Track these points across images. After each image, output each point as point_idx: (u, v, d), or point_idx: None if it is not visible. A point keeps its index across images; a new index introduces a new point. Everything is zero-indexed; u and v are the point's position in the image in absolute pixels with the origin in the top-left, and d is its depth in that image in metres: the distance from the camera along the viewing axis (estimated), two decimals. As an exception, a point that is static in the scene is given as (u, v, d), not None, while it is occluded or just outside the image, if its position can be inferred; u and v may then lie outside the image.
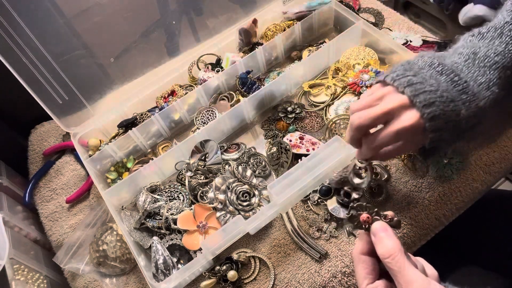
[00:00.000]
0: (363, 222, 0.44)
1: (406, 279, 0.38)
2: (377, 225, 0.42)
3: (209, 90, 0.85)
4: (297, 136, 0.77)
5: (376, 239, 0.42)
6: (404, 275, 0.38)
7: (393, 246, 0.40)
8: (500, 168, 0.69)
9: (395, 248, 0.40)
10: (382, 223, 0.43)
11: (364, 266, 0.42)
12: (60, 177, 0.87)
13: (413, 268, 0.39)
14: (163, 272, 0.66)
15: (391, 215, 0.44)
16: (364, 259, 0.43)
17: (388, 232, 0.42)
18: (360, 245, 0.44)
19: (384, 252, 0.40)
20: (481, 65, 0.50)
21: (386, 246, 0.41)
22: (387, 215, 0.44)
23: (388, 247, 0.40)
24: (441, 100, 0.47)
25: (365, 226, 0.43)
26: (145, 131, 0.82)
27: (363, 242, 0.44)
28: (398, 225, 0.44)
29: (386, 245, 0.41)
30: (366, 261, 0.43)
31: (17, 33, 0.69)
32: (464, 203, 0.68)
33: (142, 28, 0.84)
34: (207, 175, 0.75)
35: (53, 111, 0.78)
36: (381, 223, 0.43)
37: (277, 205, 0.66)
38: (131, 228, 0.70)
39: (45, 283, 0.77)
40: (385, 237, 0.41)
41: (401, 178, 0.70)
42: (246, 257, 0.67)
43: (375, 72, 0.80)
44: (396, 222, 0.43)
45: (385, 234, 0.41)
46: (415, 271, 0.39)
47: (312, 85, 0.85)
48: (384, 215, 0.44)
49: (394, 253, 0.40)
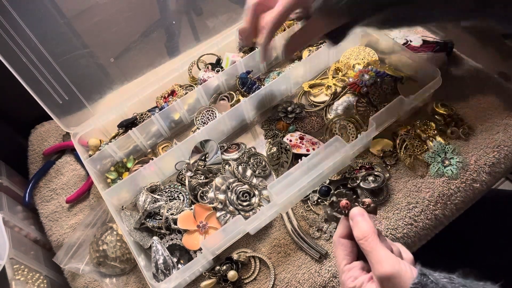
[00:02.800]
0: (343, 208, 0.47)
1: (377, 258, 0.41)
2: (354, 211, 0.46)
3: (209, 90, 0.85)
4: (297, 136, 0.77)
5: (353, 223, 0.45)
6: (375, 255, 0.41)
7: (367, 229, 0.43)
8: (500, 168, 0.69)
9: (369, 231, 0.43)
10: (359, 209, 0.46)
11: (343, 248, 0.46)
12: (60, 177, 0.87)
13: (385, 249, 0.42)
14: (163, 272, 0.66)
15: (368, 202, 0.47)
16: (343, 242, 0.46)
17: (364, 216, 0.45)
18: (340, 229, 0.47)
19: (359, 234, 0.44)
20: None
21: (361, 228, 0.44)
22: (365, 201, 0.47)
23: (362, 230, 0.44)
24: None
25: (345, 211, 0.47)
26: (145, 131, 0.82)
27: (342, 226, 0.47)
28: (374, 211, 0.47)
29: (361, 227, 0.44)
30: (345, 244, 0.46)
31: (17, 33, 0.69)
32: (464, 203, 0.68)
33: (142, 28, 0.84)
34: (207, 175, 0.75)
35: (53, 111, 0.78)
36: (358, 208, 0.46)
37: (277, 205, 0.65)
38: (131, 228, 0.70)
39: (45, 283, 0.77)
40: (361, 221, 0.44)
41: (401, 178, 0.70)
42: (246, 257, 0.67)
43: (375, 72, 0.80)
44: (372, 208, 0.46)
45: (361, 218, 0.45)
46: (387, 251, 0.42)
47: (312, 85, 0.85)
48: (362, 202, 0.47)
49: (368, 235, 0.43)
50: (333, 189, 0.70)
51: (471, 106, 0.76)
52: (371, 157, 0.74)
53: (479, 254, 0.77)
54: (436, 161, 0.70)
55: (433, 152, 0.70)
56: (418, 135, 0.73)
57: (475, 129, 0.73)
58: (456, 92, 0.78)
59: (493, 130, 0.72)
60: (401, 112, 0.74)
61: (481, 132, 0.72)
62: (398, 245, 0.47)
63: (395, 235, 0.65)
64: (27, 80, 0.73)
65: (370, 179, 0.69)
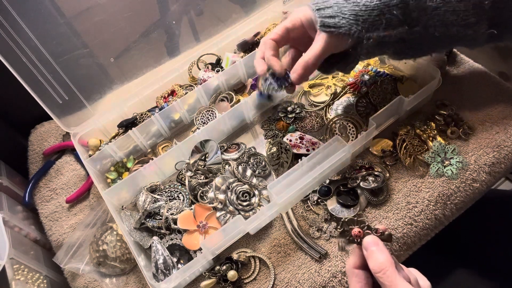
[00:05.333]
0: (355, 237, 0.44)
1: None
2: (368, 239, 0.43)
3: (209, 90, 0.85)
4: (297, 136, 0.77)
5: (368, 253, 0.42)
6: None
7: (384, 261, 0.41)
8: (500, 168, 0.69)
9: (386, 263, 0.40)
10: (373, 237, 0.43)
11: (357, 280, 0.43)
12: (60, 177, 0.87)
13: (404, 282, 0.39)
14: (163, 272, 0.66)
15: (383, 229, 0.44)
16: (357, 272, 0.43)
17: (379, 246, 0.42)
18: (353, 259, 0.44)
19: (375, 266, 0.41)
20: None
21: (377, 260, 0.41)
22: (378, 229, 0.44)
23: (379, 261, 0.41)
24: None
25: (357, 240, 0.44)
26: (145, 131, 0.82)
27: (355, 256, 0.44)
28: (389, 238, 0.44)
29: (377, 259, 0.41)
30: (359, 274, 0.43)
31: (17, 33, 0.69)
32: (464, 203, 0.68)
33: (142, 28, 0.84)
34: (207, 175, 0.75)
35: (53, 111, 0.78)
36: (372, 237, 0.43)
37: (277, 205, 0.66)
38: (131, 228, 0.70)
39: (45, 283, 0.77)
40: (376, 251, 0.42)
41: (401, 178, 0.70)
42: (246, 257, 0.67)
43: (375, 71, 0.80)
44: (387, 236, 0.44)
45: (376, 249, 0.42)
46: (406, 284, 0.39)
47: (312, 85, 0.85)
48: (375, 229, 0.44)
49: (385, 268, 0.40)
50: (333, 189, 0.70)
51: (471, 106, 0.76)
52: (371, 157, 0.74)
53: (479, 254, 0.77)
54: (436, 161, 0.70)
55: (433, 152, 0.70)
56: (418, 135, 0.73)
57: (475, 129, 0.73)
58: (456, 92, 0.78)
59: (493, 130, 0.72)
60: (401, 112, 0.74)
61: (481, 132, 0.72)
62: (414, 271, 0.45)
63: (395, 235, 0.65)
64: (27, 80, 0.73)
65: (370, 179, 0.69)
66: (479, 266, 0.74)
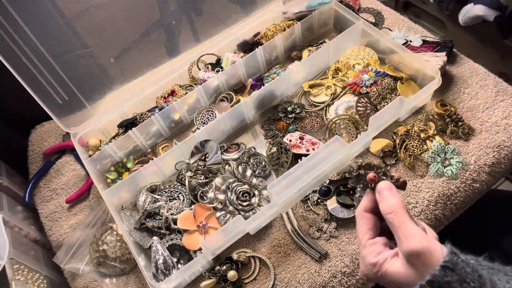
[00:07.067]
0: (370, 181, 0.44)
1: (406, 233, 0.39)
2: (382, 184, 0.43)
3: (209, 90, 0.85)
4: (297, 136, 0.77)
5: (380, 197, 0.43)
6: (404, 229, 0.39)
7: (396, 203, 0.41)
8: (500, 168, 0.69)
9: (398, 205, 0.41)
10: (387, 182, 0.43)
11: (365, 222, 0.43)
12: (60, 177, 0.87)
13: (414, 224, 0.40)
14: (163, 272, 0.66)
15: (397, 176, 0.44)
16: (367, 216, 0.44)
17: (392, 191, 0.43)
18: (364, 202, 0.44)
19: (386, 208, 0.41)
20: None
21: (389, 202, 0.42)
22: (394, 176, 0.44)
23: (391, 203, 0.41)
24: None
25: (371, 185, 0.44)
26: (145, 131, 0.82)
27: (367, 200, 0.44)
28: (404, 186, 0.44)
29: (389, 201, 0.42)
30: (368, 217, 0.44)
31: (17, 33, 0.69)
32: (464, 203, 0.68)
33: (142, 28, 0.84)
34: (207, 175, 0.75)
35: (53, 111, 0.78)
36: (386, 182, 0.43)
37: (277, 205, 0.66)
38: (131, 228, 0.70)
39: (45, 283, 0.77)
40: (389, 195, 0.42)
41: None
42: (246, 257, 0.67)
43: (375, 72, 0.80)
44: (401, 183, 0.44)
45: (389, 193, 0.42)
46: (416, 227, 0.39)
47: (312, 85, 0.85)
48: (391, 176, 0.44)
49: (396, 209, 0.41)
50: (333, 189, 0.70)
51: (471, 106, 0.76)
52: (371, 157, 0.74)
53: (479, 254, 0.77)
54: (436, 161, 0.70)
55: (433, 152, 0.70)
56: (418, 135, 0.73)
57: (475, 129, 0.73)
58: (456, 92, 0.78)
59: (493, 130, 0.72)
60: (401, 112, 0.74)
61: (481, 132, 0.72)
62: (423, 223, 0.45)
63: (395, 235, 0.65)
64: (27, 80, 0.73)
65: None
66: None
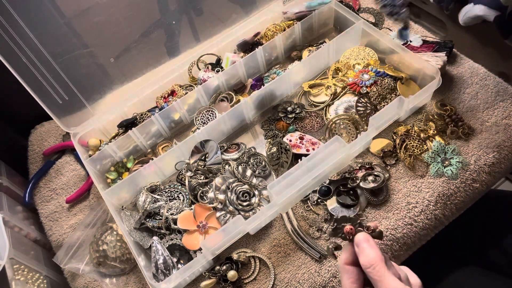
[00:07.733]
0: (347, 234, 0.45)
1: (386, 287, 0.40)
2: (360, 236, 0.44)
3: (209, 90, 0.85)
4: (297, 136, 0.77)
5: (359, 250, 0.43)
6: (384, 283, 0.40)
7: (374, 256, 0.41)
8: (500, 168, 0.69)
9: (376, 258, 0.41)
10: (364, 234, 0.44)
11: (348, 276, 0.44)
12: (60, 177, 0.87)
13: (393, 277, 0.40)
14: (163, 272, 0.66)
15: (374, 226, 0.45)
16: (349, 269, 0.44)
17: (370, 242, 0.43)
18: (345, 255, 0.45)
19: (365, 261, 0.42)
20: None
21: (367, 256, 0.42)
22: (370, 226, 0.45)
23: (369, 257, 0.42)
24: None
25: (349, 237, 0.45)
26: (145, 131, 0.82)
27: (347, 252, 0.45)
28: (380, 236, 0.45)
29: (367, 255, 0.42)
30: (350, 271, 0.44)
31: (17, 33, 0.69)
32: (464, 203, 0.68)
33: (142, 28, 0.84)
34: (207, 175, 0.75)
35: (53, 111, 0.78)
36: (363, 234, 0.44)
37: (277, 205, 0.66)
38: (131, 228, 0.70)
39: (45, 283, 0.77)
40: (367, 247, 0.43)
41: (401, 178, 0.70)
42: (246, 257, 0.67)
43: (375, 72, 0.80)
44: (378, 233, 0.45)
45: (367, 245, 0.43)
46: (395, 280, 0.40)
47: (312, 85, 0.85)
48: (367, 227, 0.45)
49: (375, 263, 0.41)
50: (333, 189, 0.70)
51: (471, 106, 0.76)
52: (371, 157, 0.74)
53: (479, 254, 0.77)
54: (436, 161, 0.70)
55: (433, 152, 0.70)
56: (418, 135, 0.73)
57: (475, 129, 0.73)
58: (456, 92, 0.78)
59: (493, 130, 0.72)
60: (401, 112, 0.74)
61: (481, 132, 0.72)
62: (405, 269, 0.45)
63: (395, 235, 0.65)
64: (27, 80, 0.73)
65: (370, 179, 0.69)
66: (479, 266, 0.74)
